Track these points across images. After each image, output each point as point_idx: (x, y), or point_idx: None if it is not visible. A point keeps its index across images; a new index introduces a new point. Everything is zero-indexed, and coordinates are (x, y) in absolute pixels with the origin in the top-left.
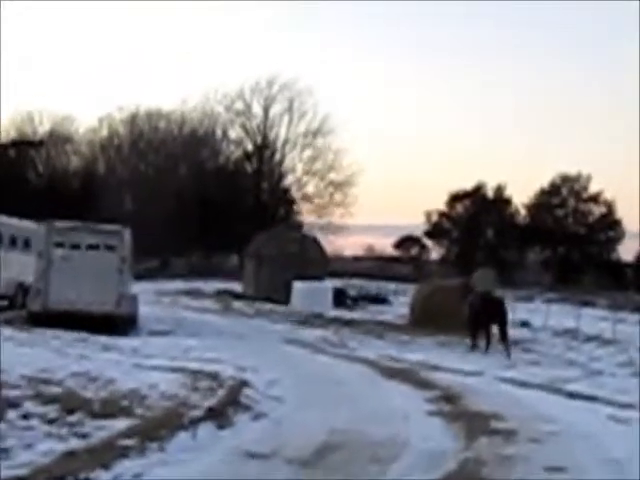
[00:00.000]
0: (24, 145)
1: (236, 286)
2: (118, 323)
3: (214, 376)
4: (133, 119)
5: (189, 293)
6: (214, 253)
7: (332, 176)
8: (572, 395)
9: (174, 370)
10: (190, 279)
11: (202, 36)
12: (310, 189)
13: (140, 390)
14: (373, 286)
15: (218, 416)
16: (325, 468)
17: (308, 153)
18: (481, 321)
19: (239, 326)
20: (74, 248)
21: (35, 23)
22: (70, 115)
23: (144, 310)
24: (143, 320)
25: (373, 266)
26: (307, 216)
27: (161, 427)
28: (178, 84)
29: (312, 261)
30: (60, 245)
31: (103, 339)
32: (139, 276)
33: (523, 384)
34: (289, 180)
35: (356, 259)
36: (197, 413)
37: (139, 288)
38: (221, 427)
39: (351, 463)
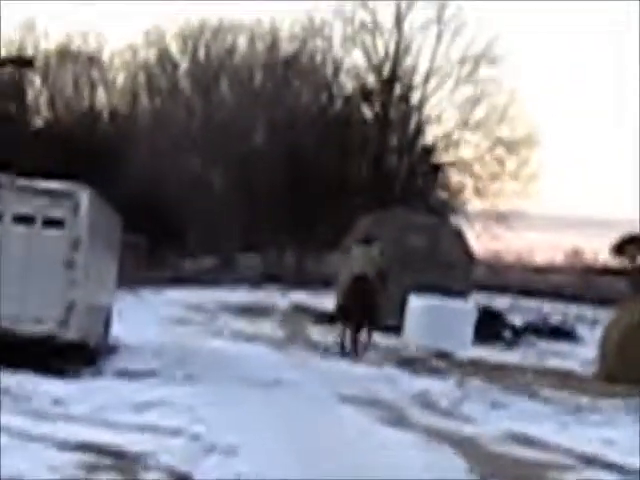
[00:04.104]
0: (10, 64)
1: (329, 301)
2: (64, 353)
3: (137, 461)
4: (197, 34)
5: (247, 310)
6: (309, 248)
7: (503, 132)
8: None
9: (81, 448)
10: (261, 287)
11: None
12: (467, 151)
13: None
14: (558, 311)
15: None
16: None
17: (466, 92)
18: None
19: (288, 368)
20: None
21: None
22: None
23: (148, 334)
24: (130, 349)
25: (570, 280)
26: (466, 196)
27: None
28: None
29: (448, 264)
30: None
31: (8, 380)
32: (184, 280)
33: None
34: (434, 134)
35: (539, 270)
36: None
37: (169, 298)
38: None
39: None
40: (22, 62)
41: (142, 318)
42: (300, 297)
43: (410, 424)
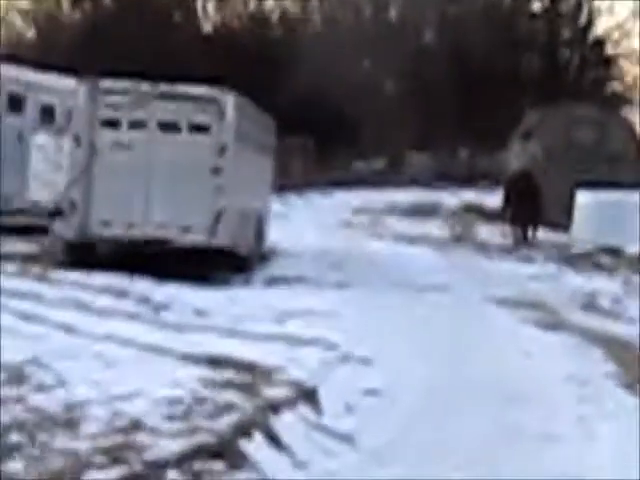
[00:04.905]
0: None
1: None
2: (212, 262)
3: (264, 376)
4: None
5: (415, 210)
6: (481, 146)
7: None
8: None
9: (209, 361)
10: (431, 186)
11: None
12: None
13: (83, 406)
14: None
15: None
16: None
17: None
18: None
19: (447, 270)
20: (136, 128)
21: None
22: None
23: (309, 238)
24: (287, 255)
25: None
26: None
27: None
28: None
29: (617, 158)
30: (111, 123)
31: (151, 289)
32: (353, 182)
33: None
34: (605, 25)
35: None
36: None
37: (336, 200)
38: None
39: None
40: None
41: (307, 221)
42: (470, 196)
43: (567, 326)
